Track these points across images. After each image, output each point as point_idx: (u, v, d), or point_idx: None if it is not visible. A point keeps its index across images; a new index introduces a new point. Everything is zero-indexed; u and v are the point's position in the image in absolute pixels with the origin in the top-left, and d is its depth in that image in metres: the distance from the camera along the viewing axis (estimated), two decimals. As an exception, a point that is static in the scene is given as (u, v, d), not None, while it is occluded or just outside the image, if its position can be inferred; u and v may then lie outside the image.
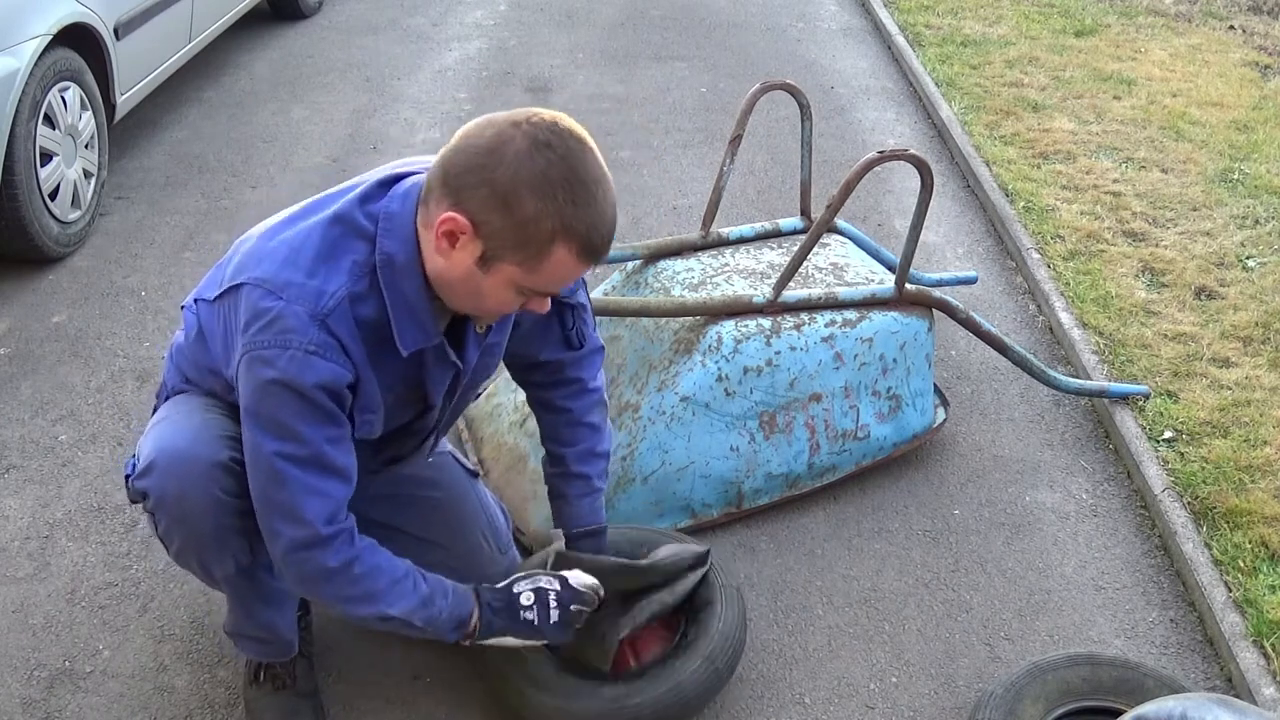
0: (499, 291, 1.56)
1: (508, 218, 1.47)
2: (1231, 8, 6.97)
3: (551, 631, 1.83)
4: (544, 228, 1.48)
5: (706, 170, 4.43)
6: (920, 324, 2.67)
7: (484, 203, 1.47)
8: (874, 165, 2.39)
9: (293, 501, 1.60)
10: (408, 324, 1.61)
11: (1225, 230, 3.99)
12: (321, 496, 1.61)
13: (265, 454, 1.58)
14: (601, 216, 1.51)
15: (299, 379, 1.53)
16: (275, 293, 1.54)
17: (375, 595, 1.68)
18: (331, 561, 1.63)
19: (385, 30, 6.02)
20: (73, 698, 2.06)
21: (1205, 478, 2.74)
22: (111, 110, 3.90)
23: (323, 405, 1.57)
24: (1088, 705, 2.07)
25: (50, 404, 2.88)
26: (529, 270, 1.53)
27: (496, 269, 1.53)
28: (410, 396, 1.76)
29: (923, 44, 5.97)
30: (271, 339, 1.53)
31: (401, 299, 1.59)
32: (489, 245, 1.50)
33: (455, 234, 1.50)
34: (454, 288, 1.58)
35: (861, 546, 2.56)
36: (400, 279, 1.58)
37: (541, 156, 1.45)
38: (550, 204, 1.46)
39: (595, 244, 1.52)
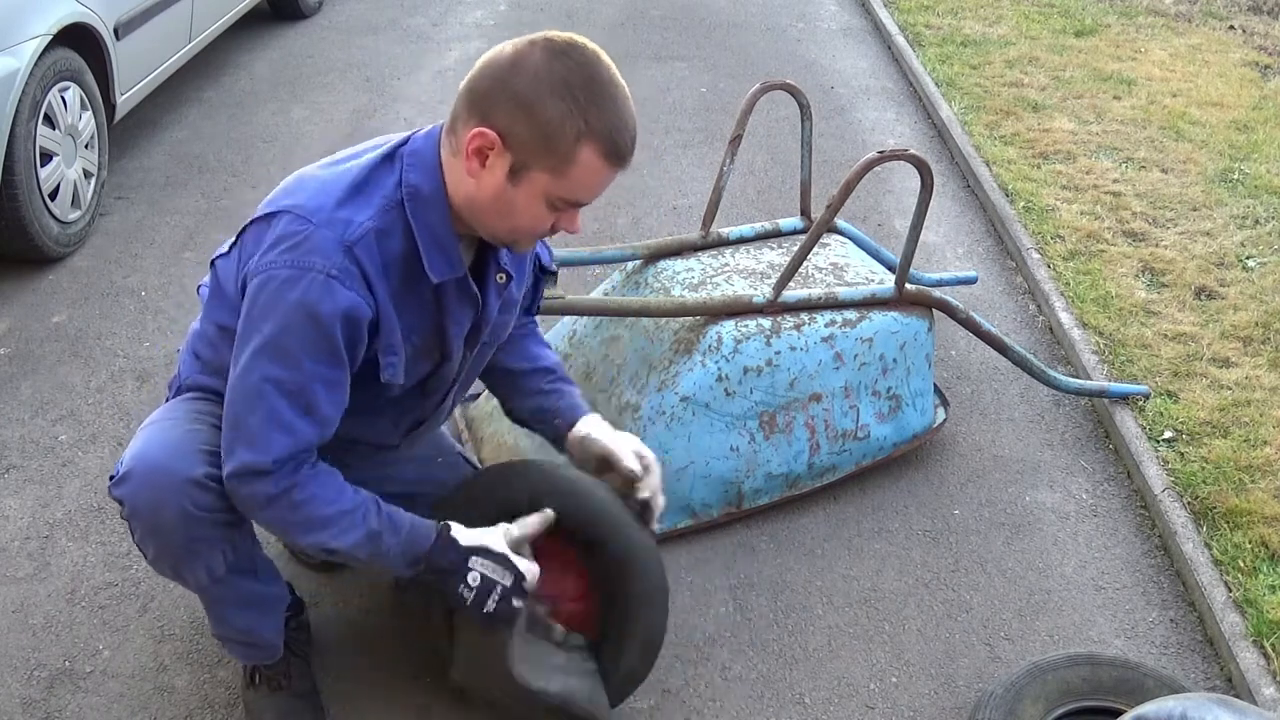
0: (531, 205, 1.59)
1: (533, 123, 1.52)
2: (1231, 8, 6.97)
3: (479, 619, 1.78)
4: (568, 130, 1.53)
5: (706, 170, 4.43)
6: (920, 324, 2.67)
7: (509, 113, 1.53)
8: (874, 165, 2.39)
9: (259, 429, 1.60)
10: (435, 254, 1.65)
11: (1225, 230, 3.99)
12: (289, 434, 1.60)
13: (254, 375, 1.59)
14: (623, 118, 1.57)
15: (318, 305, 1.55)
16: (306, 218, 1.58)
17: (316, 524, 1.65)
18: (273, 488, 1.62)
19: (385, 30, 6.02)
20: (73, 698, 2.06)
21: (1205, 478, 2.74)
22: (111, 110, 3.90)
23: (332, 338, 1.58)
24: (1088, 705, 2.08)
25: (50, 404, 2.88)
26: (558, 176, 1.56)
27: (527, 180, 1.57)
28: (430, 344, 1.77)
29: (923, 44, 5.97)
30: (296, 259, 1.56)
31: (428, 229, 1.63)
32: (517, 156, 1.55)
33: (484, 150, 1.55)
34: (486, 210, 1.62)
35: (861, 546, 2.56)
36: (426, 210, 1.63)
37: (559, 64, 1.52)
38: (573, 105, 1.52)
39: (620, 146, 1.58)
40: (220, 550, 1.75)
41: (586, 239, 3.83)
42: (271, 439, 1.60)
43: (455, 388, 1.94)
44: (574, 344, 2.74)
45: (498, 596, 1.75)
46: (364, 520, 1.69)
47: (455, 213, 1.65)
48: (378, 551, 1.70)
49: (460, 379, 1.93)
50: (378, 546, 1.70)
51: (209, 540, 1.72)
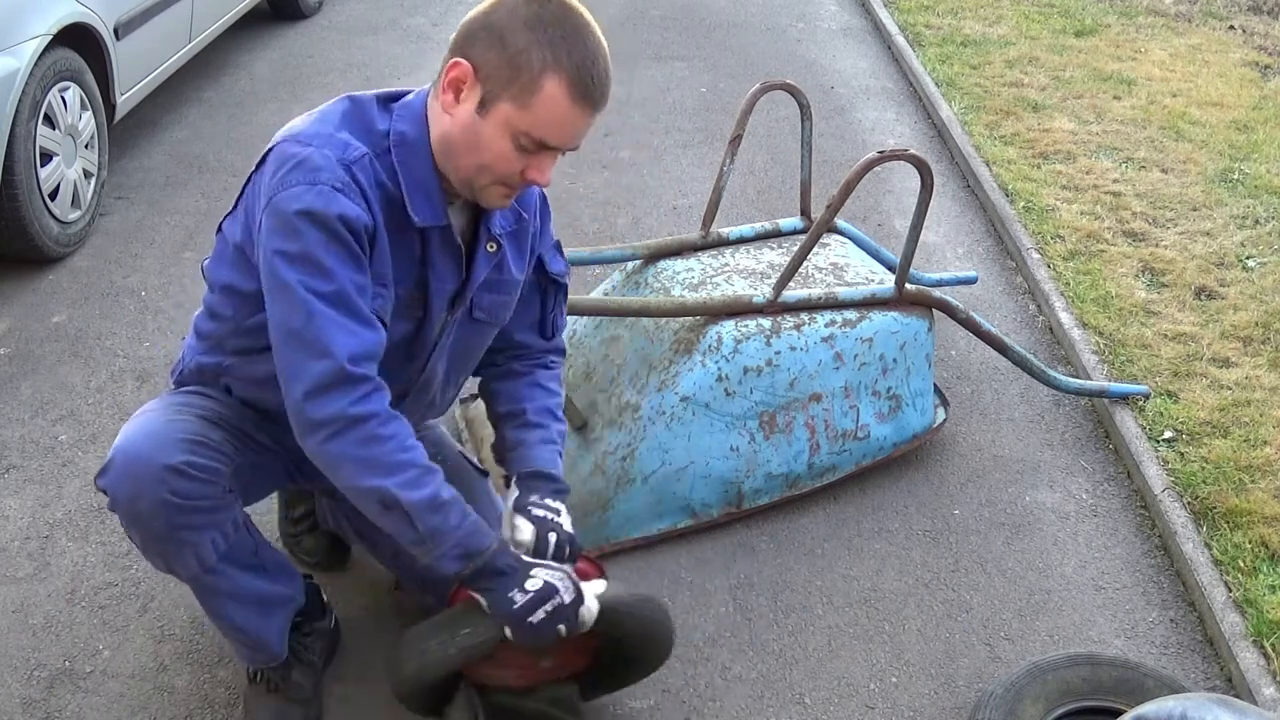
0: (497, 140, 1.61)
1: (502, 52, 1.57)
2: (1231, 8, 6.97)
3: (522, 629, 1.71)
4: (534, 58, 1.56)
5: (706, 170, 4.43)
6: (920, 324, 2.67)
7: (483, 45, 1.58)
8: (874, 165, 2.39)
9: (319, 333, 1.58)
10: (419, 197, 1.68)
11: (1225, 230, 3.99)
12: (349, 333, 1.60)
13: (291, 284, 1.58)
14: (593, 57, 1.59)
15: (325, 209, 1.57)
16: (304, 142, 1.61)
17: (386, 466, 1.61)
18: (352, 408, 1.59)
19: (385, 30, 6.01)
20: (73, 698, 2.06)
21: (1205, 478, 2.74)
22: (111, 110, 3.90)
23: (347, 242, 1.59)
24: (1088, 705, 2.08)
25: (50, 404, 2.88)
26: (522, 107, 1.58)
27: (494, 111, 1.59)
28: (413, 298, 1.76)
29: (923, 44, 5.97)
30: (300, 177, 1.58)
31: (412, 175, 1.66)
32: (486, 86, 1.59)
33: (459, 81, 1.60)
34: (457, 145, 1.64)
35: (861, 546, 2.56)
36: (411, 156, 1.66)
37: (535, 2, 1.58)
38: (540, 35, 1.56)
39: (586, 83, 1.59)
40: (209, 538, 1.74)
41: (586, 239, 3.83)
42: (332, 338, 1.58)
43: (439, 357, 1.89)
44: (574, 344, 2.74)
45: (551, 608, 1.70)
46: (435, 482, 1.65)
47: (439, 164, 1.68)
48: (436, 526, 1.64)
49: (445, 345, 1.88)
50: (440, 519, 1.64)
51: (194, 528, 1.72)
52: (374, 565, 2.34)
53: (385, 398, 1.65)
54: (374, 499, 1.63)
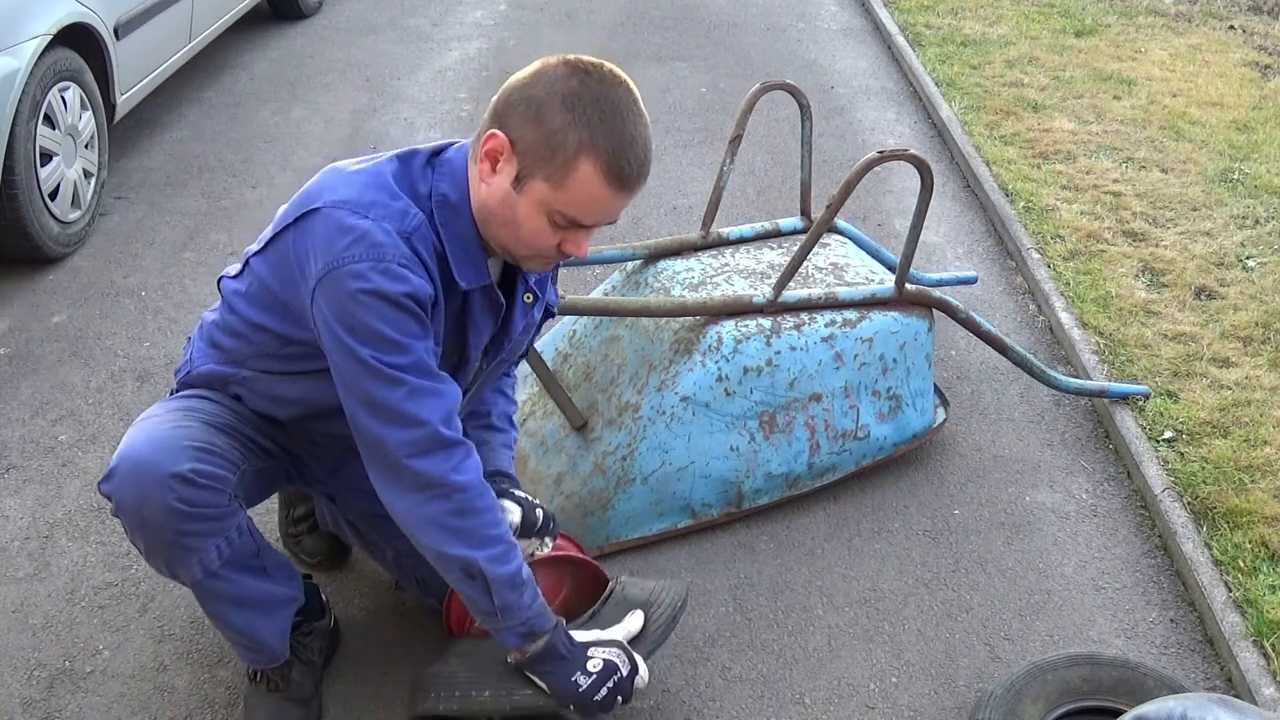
0: (532, 216, 1.61)
1: (539, 129, 1.55)
2: (1231, 8, 6.97)
3: (586, 705, 1.78)
4: (570, 139, 1.54)
5: (706, 170, 4.43)
6: (920, 324, 2.67)
7: (520, 118, 1.56)
8: (874, 165, 2.39)
9: (406, 403, 1.61)
10: (463, 260, 1.68)
11: (1225, 230, 3.99)
12: (435, 397, 1.62)
13: (367, 360, 1.59)
14: (630, 141, 1.56)
15: (392, 289, 1.57)
16: (360, 212, 1.60)
17: (479, 539, 1.65)
18: (453, 476, 1.62)
19: (385, 30, 6.02)
20: (73, 698, 2.06)
21: (1205, 478, 2.74)
22: (111, 110, 3.90)
23: (415, 313, 1.61)
24: (1088, 705, 2.08)
25: (50, 404, 2.88)
26: (556, 187, 1.57)
27: (529, 188, 1.59)
28: (451, 350, 1.78)
29: (923, 44, 5.97)
30: (362, 253, 1.58)
31: (455, 236, 1.67)
32: (522, 162, 1.58)
33: (495, 153, 1.60)
34: (494, 216, 1.64)
35: (861, 546, 2.56)
36: (453, 218, 1.66)
37: (576, 79, 1.55)
38: (578, 117, 1.54)
39: (622, 167, 1.57)
40: (213, 545, 1.75)
41: (586, 239, 3.83)
42: (419, 405, 1.61)
43: (466, 403, 1.95)
44: (574, 344, 2.74)
45: (613, 684, 1.78)
46: (518, 559, 1.69)
47: (479, 223, 1.68)
48: (511, 603, 1.70)
49: (472, 391, 1.94)
50: (516, 597, 1.70)
51: (199, 535, 1.72)
52: (374, 565, 2.34)
53: (479, 464, 1.67)
54: (458, 567, 1.67)
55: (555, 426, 2.56)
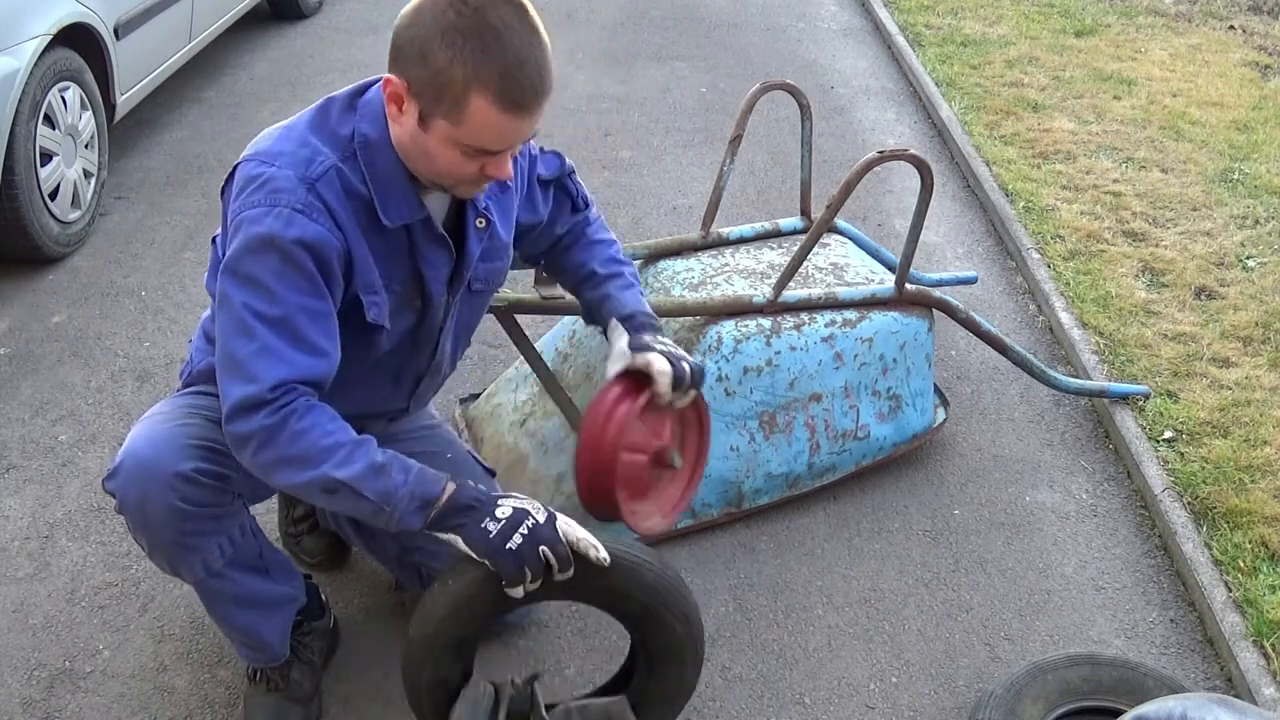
0: (443, 150, 1.59)
1: (425, 70, 1.53)
2: (1231, 8, 6.97)
3: (504, 558, 1.59)
4: (455, 76, 1.52)
5: (706, 170, 4.43)
6: (920, 324, 2.67)
7: (409, 60, 1.54)
8: (874, 165, 2.39)
9: (249, 358, 1.56)
10: (389, 198, 1.66)
11: (1225, 230, 3.99)
12: (281, 362, 1.57)
13: (235, 305, 1.58)
14: (517, 63, 1.52)
15: (282, 234, 1.56)
16: (268, 161, 1.61)
17: (317, 455, 1.56)
18: (268, 420, 1.55)
19: (385, 30, 5.99)
20: (73, 698, 2.06)
21: (1205, 478, 2.74)
22: (111, 110, 3.90)
23: (303, 266, 1.58)
24: (1088, 705, 2.08)
25: (50, 404, 2.88)
26: (455, 124, 1.55)
27: (432, 127, 1.57)
28: (410, 291, 1.76)
29: (923, 44, 5.97)
30: (260, 199, 1.58)
31: (378, 175, 1.65)
32: (420, 103, 1.56)
33: (397, 97, 1.57)
34: (410, 153, 1.63)
35: (861, 546, 2.56)
36: (375, 156, 1.64)
37: (453, 10, 1.51)
38: (459, 51, 1.51)
39: (513, 92, 1.53)
40: (216, 544, 1.75)
41: (586, 239, 3.83)
42: (263, 367, 1.56)
43: (446, 337, 1.91)
44: (574, 344, 2.74)
45: (527, 529, 1.60)
46: (368, 453, 1.59)
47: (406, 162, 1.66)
48: (384, 490, 1.58)
49: (450, 326, 1.90)
50: (385, 483, 1.58)
51: (202, 534, 1.72)
52: (374, 565, 2.34)
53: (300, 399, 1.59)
54: (316, 489, 1.59)
55: (555, 426, 2.56)
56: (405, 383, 1.95)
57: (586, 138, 4.68)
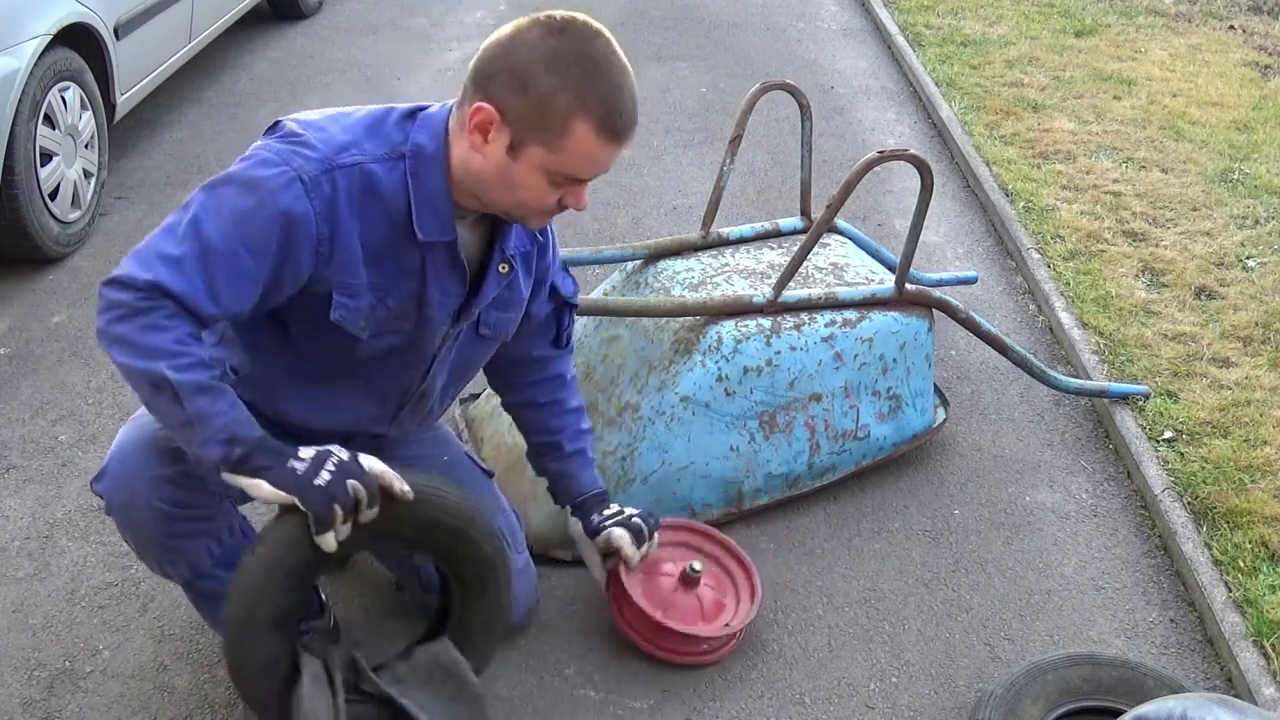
0: (531, 180, 1.61)
1: (526, 98, 1.55)
2: (1231, 8, 6.97)
3: (312, 493, 1.55)
4: (560, 102, 1.54)
5: (706, 170, 4.43)
6: (920, 324, 2.67)
7: (505, 88, 1.56)
8: (874, 165, 2.39)
9: (162, 254, 1.54)
10: (427, 212, 1.66)
11: (1225, 230, 3.99)
12: (182, 276, 1.53)
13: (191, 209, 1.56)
14: (618, 92, 1.58)
15: (274, 191, 1.56)
16: (311, 128, 1.62)
17: (161, 351, 1.51)
18: (141, 302, 1.52)
19: (385, 30, 6.01)
20: (73, 698, 2.06)
21: (1205, 478, 2.74)
22: (111, 110, 3.90)
23: (269, 227, 1.56)
24: (1088, 705, 2.08)
25: (50, 404, 2.88)
26: (553, 150, 1.58)
27: (525, 154, 1.59)
28: (406, 310, 1.75)
29: (923, 44, 5.97)
30: (282, 150, 1.58)
31: (424, 188, 1.65)
32: (515, 131, 1.58)
33: (485, 125, 1.58)
34: (491, 184, 1.63)
35: (861, 546, 2.56)
36: (425, 169, 1.65)
37: (554, 39, 1.55)
38: (564, 79, 1.54)
39: (614, 120, 1.58)
40: (204, 545, 1.75)
41: (587, 239, 3.83)
42: (166, 269, 1.53)
43: (440, 368, 1.89)
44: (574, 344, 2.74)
45: (335, 465, 1.57)
46: (207, 374, 1.54)
47: (455, 182, 1.67)
48: (202, 409, 1.52)
49: (446, 359, 1.89)
50: (207, 404, 1.52)
51: (188, 535, 1.72)
52: (374, 565, 2.34)
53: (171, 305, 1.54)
54: (144, 380, 1.52)
55: (555, 426, 2.56)
56: (390, 404, 1.91)
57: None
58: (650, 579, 2.22)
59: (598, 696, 2.13)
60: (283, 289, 1.64)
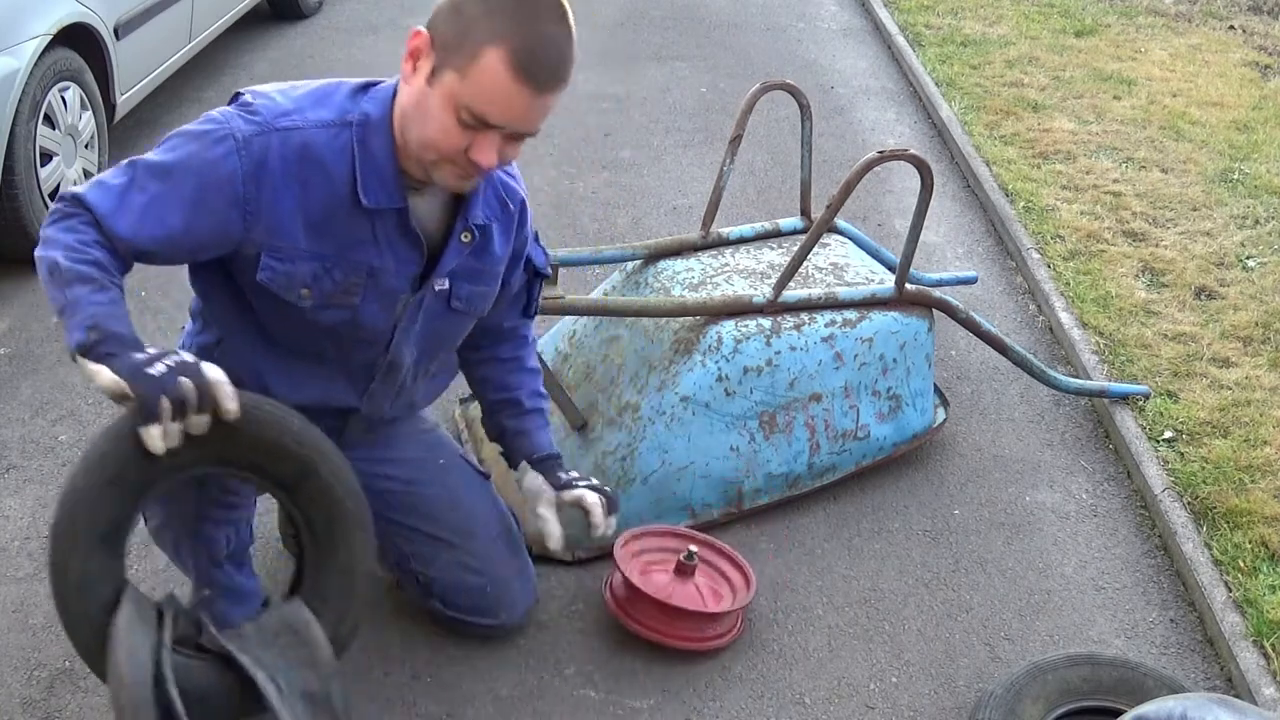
0: (441, 113, 1.59)
1: (455, 22, 1.56)
2: (1231, 8, 6.97)
3: (143, 380, 1.53)
4: (480, 29, 1.54)
5: (706, 170, 4.43)
6: (920, 324, 2.67)
7: (443, 14, 1.58)
8: (874, 165, 2.39)
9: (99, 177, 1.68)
10: (373, 179, 1.68)
11: (1225, 230, 3.99)
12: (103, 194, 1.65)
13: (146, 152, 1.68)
14: (543, 38, 1.56)
15: (204, 146, 1.64)
16: (261, 97, 1.70)
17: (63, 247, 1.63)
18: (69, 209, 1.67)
19: (385, 30, 6.01)
20: (73, 698, 2.06)
21: (1205, 478, 2.74)
22: (111, 110, 3.90)
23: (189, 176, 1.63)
24: (1088, 705, 2.08)
25: (50, 404, 2.88)
26: (463, 78, 1.56)
27: (440, 82, 1.58)
28: (355, 282, 1.75)
29: (923, 44, 5.97)
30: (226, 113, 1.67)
31: (369, 155, 1.67)
32: (438, 56, 1.58)
33: (418, 51, 1.60)
34: (409, 118, 1.64)
35: (861, 546, 2.56)
36: (371, 136, 1.67)
37: None
38: (492, 7, 1.54)
39: (527, 59, 1.55)
40: (224, 535, 1.78)
41: (586, 239, 3.83)
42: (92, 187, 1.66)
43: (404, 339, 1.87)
44: (574, 344, 2.74)
45: (174, 362, 1.56)
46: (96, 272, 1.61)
47: (400, 148, 1.67)
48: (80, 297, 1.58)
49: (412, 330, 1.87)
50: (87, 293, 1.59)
51: (215, 521, 1.77)
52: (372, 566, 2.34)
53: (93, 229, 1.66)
54: (44, 265, 1.63)
55: (555, 426, 2.56)
56: (358, 378, 1.90)
57: (586, 138, 4.68)
58: (646, 579, 2.23)
59: (598, 696, 2.13)
60: (207, 240, 1.68)
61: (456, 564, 2.08)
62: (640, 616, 2.21)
